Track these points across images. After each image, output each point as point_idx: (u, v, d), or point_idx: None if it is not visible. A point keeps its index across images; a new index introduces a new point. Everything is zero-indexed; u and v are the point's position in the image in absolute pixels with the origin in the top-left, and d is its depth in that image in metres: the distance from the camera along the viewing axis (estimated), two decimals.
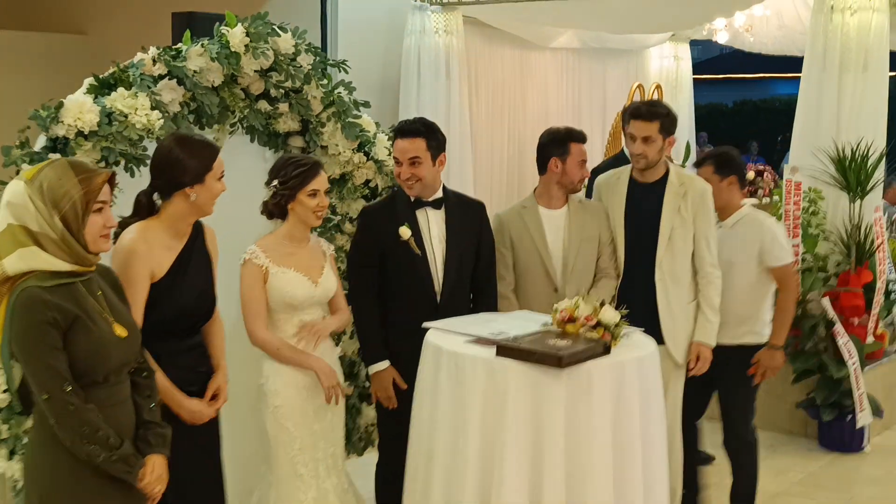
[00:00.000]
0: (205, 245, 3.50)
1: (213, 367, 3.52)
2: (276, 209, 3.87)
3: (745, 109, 20.50)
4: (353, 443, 4.71)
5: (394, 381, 4.07)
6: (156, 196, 3.42)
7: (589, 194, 5.72)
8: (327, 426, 3.89)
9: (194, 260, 3.42)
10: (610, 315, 3.43)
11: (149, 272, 3.27)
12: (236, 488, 3.93)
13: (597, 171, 6.27)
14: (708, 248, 4.49)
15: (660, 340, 4.30)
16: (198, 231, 3.48)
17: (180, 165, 3.31)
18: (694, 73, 10.44)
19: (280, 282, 3.77)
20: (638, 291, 4.42)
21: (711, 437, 6.15)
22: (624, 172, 4.66)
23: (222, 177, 3.41)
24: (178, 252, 3.37)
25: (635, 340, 3.51)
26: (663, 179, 4.53)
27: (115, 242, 3.31)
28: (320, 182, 3.83)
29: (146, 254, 3.26)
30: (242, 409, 4.05)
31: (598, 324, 3.41)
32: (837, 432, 6.04)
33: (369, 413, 4.73)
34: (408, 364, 3.80)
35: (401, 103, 7.57)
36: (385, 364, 4.07)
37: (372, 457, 4.64)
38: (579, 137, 4.56)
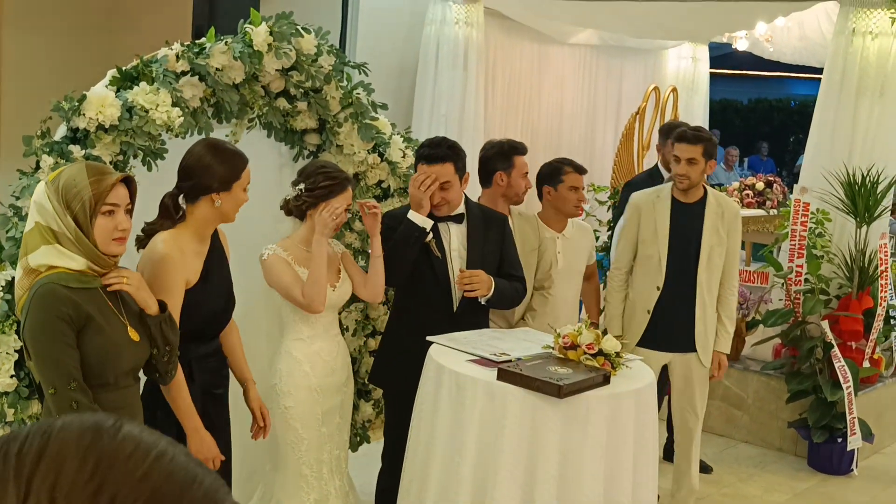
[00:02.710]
0: (221, 245, 3.55)
1: (240, 379, 3.58)
2: (295, 210, 3.92)
3: (761, 108, 20.45)
4: (350, 438, 4.78)
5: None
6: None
7: (622, 206, 5.85)
8: (334, 429, 3.96)
9: (217, 263, 3.47)
10: (611, 344, 3.47)
11: (184, 280, 3.31)
12: (237, 483, 4.01)
13: (630, 185, 6.40)
14: (734, 263, 4.93)
15: (692, 348, 4.87)
16: (214, 232, 3.53)
17: (210, 171, 3.35)
18: (710, 68, 10.41)
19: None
20: (679, 304, 4.86)
21: (705, 448, 6.25)
22: (663, 191, 4.94)
23: (247, 187, 3.46)
24: (204, 257, 3.42)
25: (635, 371, 3.55)
26: (703, 200, 4.87)
27: (141, 247, 3.36)
28: (345, 198, 3.87)
29: (180, 262, 3.29)
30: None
31: (600, 352, 3.46)
32: (827, 454, 6.10)
33: (366, 409, 4.80)
34: (417, 369, 3.78)
35: (417, 92, 7.60)
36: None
37: (364, 451, 4.73)
38: (522, 150, 4.74)
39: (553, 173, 4.95)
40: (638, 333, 4.90)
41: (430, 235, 4.09)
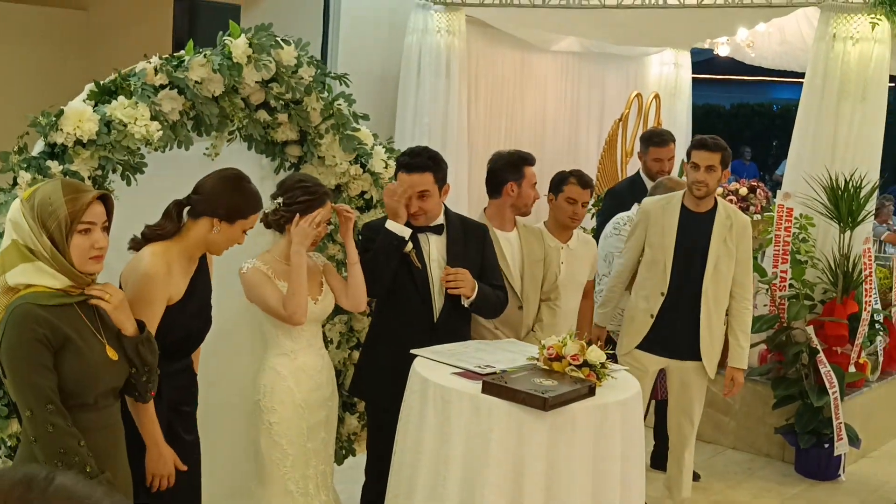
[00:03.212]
0: (207, 266, 3.52)
1: None
2: (274, 224, 3.89)
3: (743, 112, 20.52)
4: (335, 451, 4.74)
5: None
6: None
7: (607, 213, 5.84)
8: (319, 444, 3.92)
9: (201, 283, 3.44)
10: (596, 354, 3.45)
11: (166, 296, 3.27)
12: (221, 499, 3.99)
13: (612, 193, 6.40)
14: (747, 276, 4.94)
15: (697, 356, 4.89)
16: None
17: (223, 197, 3.36)
18: (692, 73, 10.40)
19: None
20: (682, 311, 4.89)
21: (697, 456, 6.23)
22: (674, 199, 4.99)
23: (246, 232, 3.45)
24: (190, 276, 3.39)
25: (620, 381, 3.53)
26: (713, 211, 4.91)
27: (134, 249, 3.33)
28: (324, 212, 3.84)
29: (165, 278, 3.26)
30: (228, 420, 4.09)
31: (585, 363, 3.44)
32: (814, 459, 6.09)
33: (351, 422, 4.77)
34: (398, 380, 3.78)
35: (399, 101, 7.58)
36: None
37: (350, 464, 4.70)
38: (532, 160, 4.72)
39: (558, 182, 4.99)
40: (639, 337, 4.96)
41: (411, 246, 4.07)
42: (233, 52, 3.98)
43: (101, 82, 3.77)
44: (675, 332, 4.91)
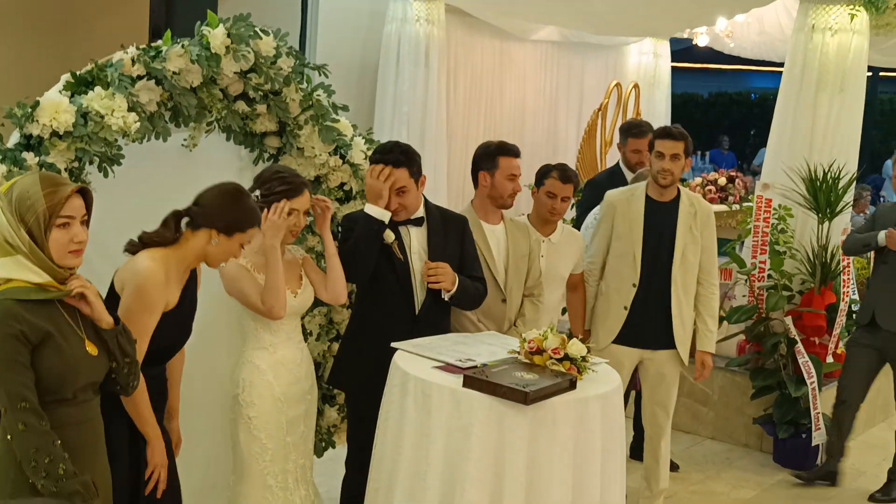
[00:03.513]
0: (196, 275, 3.48)
1: (169, 406, 3.51)
2: None
3: (721, 101, 20.60)
4: (315, 444, 4.73)
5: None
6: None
7: (587, 205, 5.84)
8: (299, 438, 3.90)
9: (190, 293, 3.41)
10: (577, 348, 3.45)
11: (164, 302, 3.23)
12: (201, 494, 3.97)
13: (592, 184, 6.39)
14: (712, 263, 5.00)
15: (671, 344, 4.93)
16: None
17: (222, 210, 3.32)
18: (671, 62, 10.39)
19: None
20: (653, 301, 4.94)
21: (672, 445, 6.25)
22: (638, 190, 5.02)
23: (244, 246, 3.41)
24: (184, 284, 3.35)
25: (601, 374, 3.53)
26: (676, 200, 4.96)
27: (130, 252, 3.29)
28: (301, 202, 3.82)
29: (164, 284, 3.22)
30: (206, 414, 4.07)
31: (566, 356, 3.43)
32: (792, 449, 6.13)
33: (331, 414, 4.75)
34: (379, 372, 3.75)
35: (378, 90, 7.55)
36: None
37: (330, 456, 4.68)
38: (510, 152, 4.61)
39: (541, 176, 4.97)
40: (615, 330, 4.97)
41: (392, 237, 4.05)
42: (211, 42, 3.94)
43: (78, 73, 3.73)
44: (647, 322, 4.94)
